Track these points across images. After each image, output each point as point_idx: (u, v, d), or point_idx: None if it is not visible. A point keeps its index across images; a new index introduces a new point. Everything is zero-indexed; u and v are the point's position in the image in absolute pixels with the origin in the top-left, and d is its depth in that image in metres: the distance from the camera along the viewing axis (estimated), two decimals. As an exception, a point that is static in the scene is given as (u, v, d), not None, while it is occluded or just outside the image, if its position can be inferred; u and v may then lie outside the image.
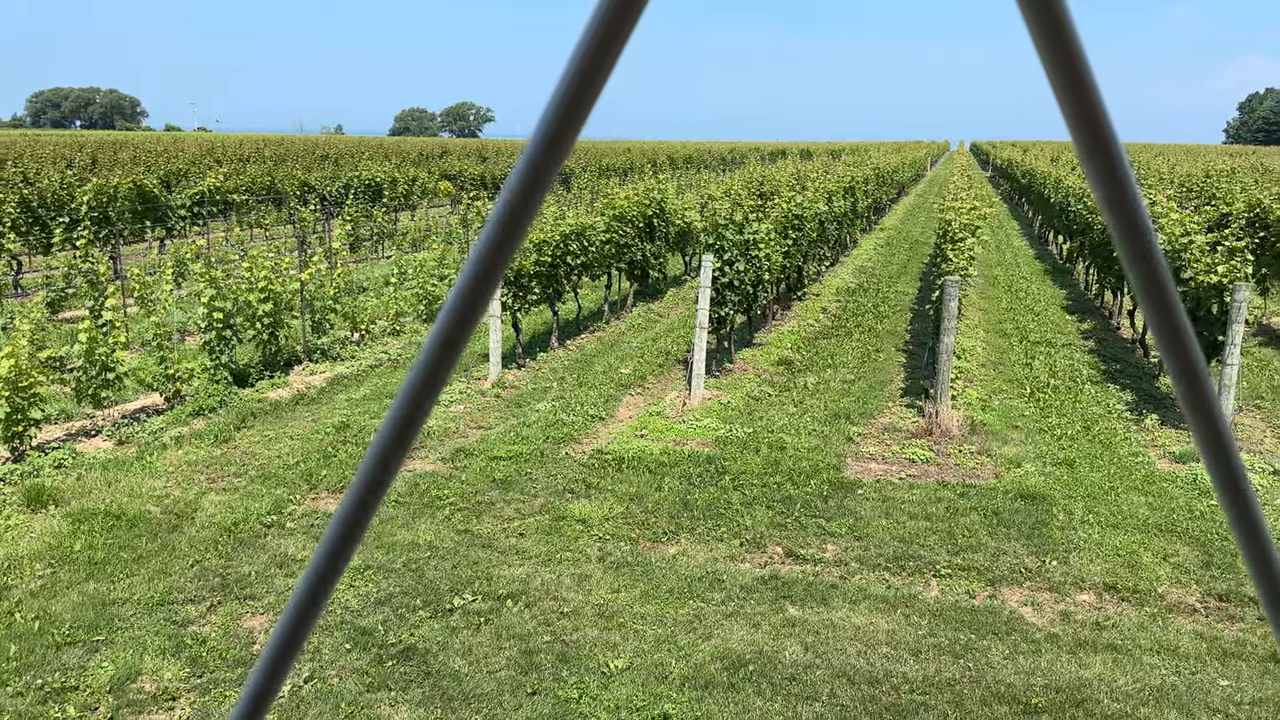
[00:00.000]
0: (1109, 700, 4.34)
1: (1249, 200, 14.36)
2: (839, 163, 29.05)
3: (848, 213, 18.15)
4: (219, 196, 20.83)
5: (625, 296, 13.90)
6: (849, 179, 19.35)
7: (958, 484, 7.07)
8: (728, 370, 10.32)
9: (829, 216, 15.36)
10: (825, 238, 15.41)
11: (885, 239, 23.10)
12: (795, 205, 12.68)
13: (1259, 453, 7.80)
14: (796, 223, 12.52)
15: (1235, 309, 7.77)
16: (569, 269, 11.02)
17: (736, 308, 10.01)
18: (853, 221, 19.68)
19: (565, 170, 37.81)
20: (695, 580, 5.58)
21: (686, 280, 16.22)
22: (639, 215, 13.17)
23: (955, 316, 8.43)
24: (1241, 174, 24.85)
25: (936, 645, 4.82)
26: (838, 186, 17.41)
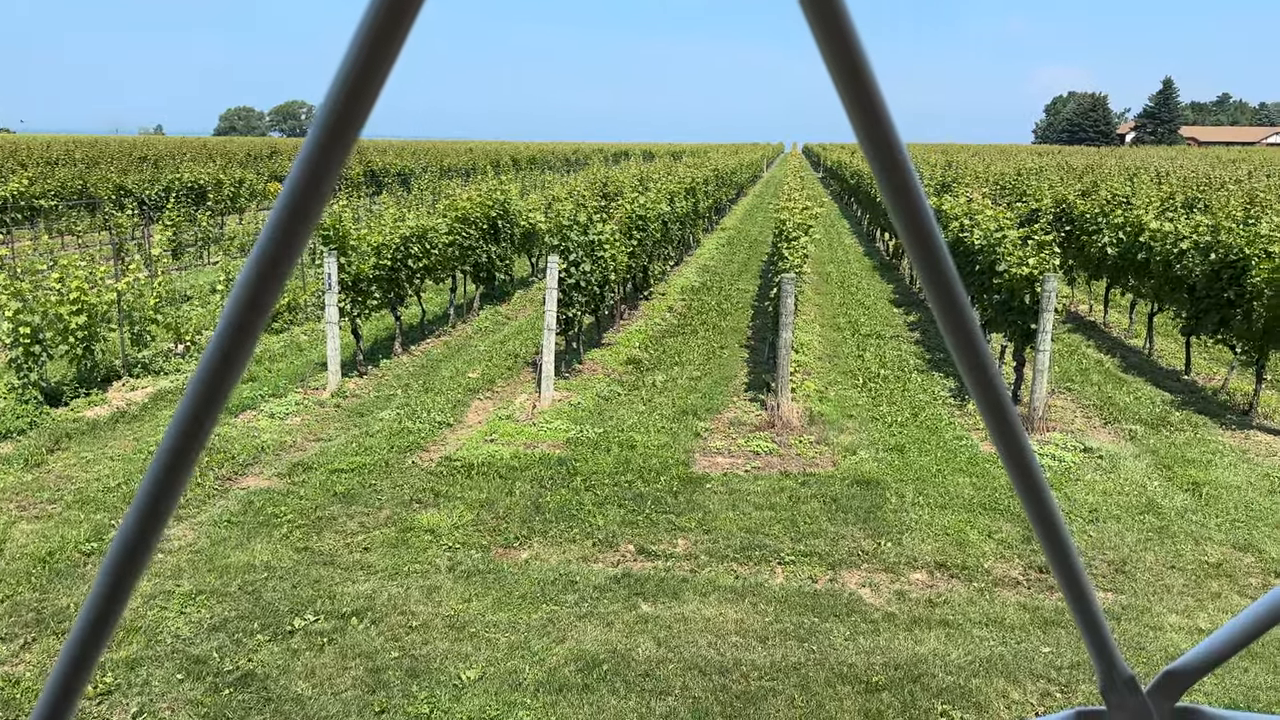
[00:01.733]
0: (943, 674, 4.59)
1: (1055, 196, 15.48)
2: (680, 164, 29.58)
3: (690, 213, 18.50)
4: (24, 202, 19.26)
5: (471, 299, 13.70)
6: (690, 180, 19.72)
7: (799, 473, 7.31)
8: (577, 371, 10.33)
9: (672, 217, 15.61)
10: (669, 238, 15.65)
11: (727, 238, 23.68)
12: (639, 206, 12.82)
13: (1070, 431, 8.41)
14: (641, 223, 12.66)
15: (1045, 298, 8.36)
16: (411, 272, 10.77)
17: (584, 308, 10.03)
18: (695, 221, 20.06)
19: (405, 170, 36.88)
20: (548, 584, 5.55)
21: (534, 282, 16.15)
22: (482, 216, 13.01)
23: (792, 312, 8.73)
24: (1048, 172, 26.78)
25: (783, 631, 4.97)
26: (679, 187, 17.72)
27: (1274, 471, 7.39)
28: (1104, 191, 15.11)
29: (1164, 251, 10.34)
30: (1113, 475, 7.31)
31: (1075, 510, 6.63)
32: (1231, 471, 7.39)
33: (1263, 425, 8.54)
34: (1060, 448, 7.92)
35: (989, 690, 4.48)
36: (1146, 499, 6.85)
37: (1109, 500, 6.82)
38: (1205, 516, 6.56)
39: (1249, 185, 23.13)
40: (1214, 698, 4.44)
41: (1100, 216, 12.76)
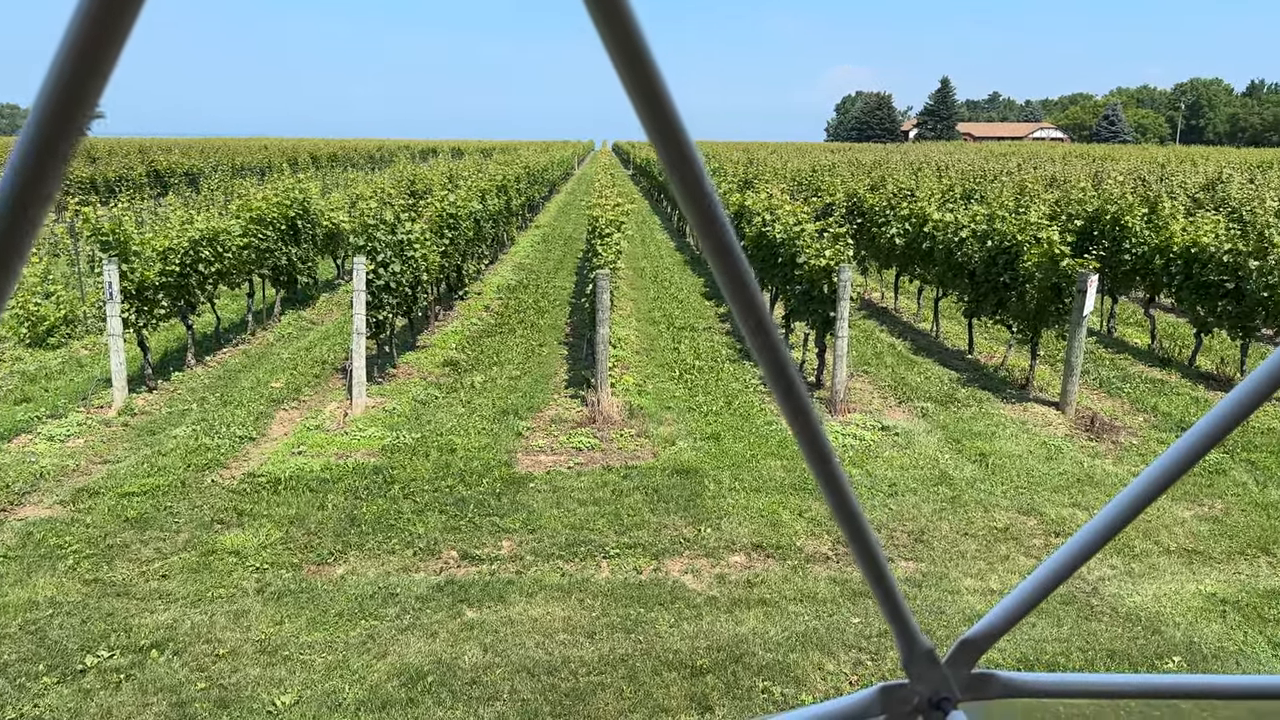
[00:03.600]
0: (763, 651, 4.75)
1: (847, 191, 16.35)
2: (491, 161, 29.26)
3: (503, 210, 18.32)
4: None
5: (272, 305, 13.03)
6: (501, 177, 19.53)
7: (621, 467, 7.39)
8: (391, 376, 10.02)
9: (484, 215, 15.41)
10: (483, 236, 15.44)
11: (541, 236, 23.62)
12: (449, 204, 12.57)
13: (869, 412, 8.91)
14: (452, 221, 12.42)
15: (842, 287, 8.81)
16: (203, 278, 10.11)
17: (395, 310, 9.74)
18: (508, 219, 19.90)
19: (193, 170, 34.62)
20: (367, 598, 5.36)
21: (340, 284, 15.54)
22: (280, 217, 12.38)
23: (608, 308, 8.80)
24: (841, 168, 28.25)
25: (610, 624, 5.01)
26: (491, 185, 17.51)
27: (1050, 440, 8.09)
28: (891, 185, 16.08)
29: (946, 240, 11.11)
30: (908, 451, 7.80)
31: (876, 486, 7.03)
32: (1013, 441, 8.04)
33: (1038, 397, 9.34)
34: (861, 427, 8.38)
35: (805, 664, 4.68)
36: (940, 471, 7.35)
37: (906, 474, 7.27)
38: (992, 485, 7.11)
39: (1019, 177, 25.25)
40: (1005, 653, 4.81)
41: (888, 209, 13.58)
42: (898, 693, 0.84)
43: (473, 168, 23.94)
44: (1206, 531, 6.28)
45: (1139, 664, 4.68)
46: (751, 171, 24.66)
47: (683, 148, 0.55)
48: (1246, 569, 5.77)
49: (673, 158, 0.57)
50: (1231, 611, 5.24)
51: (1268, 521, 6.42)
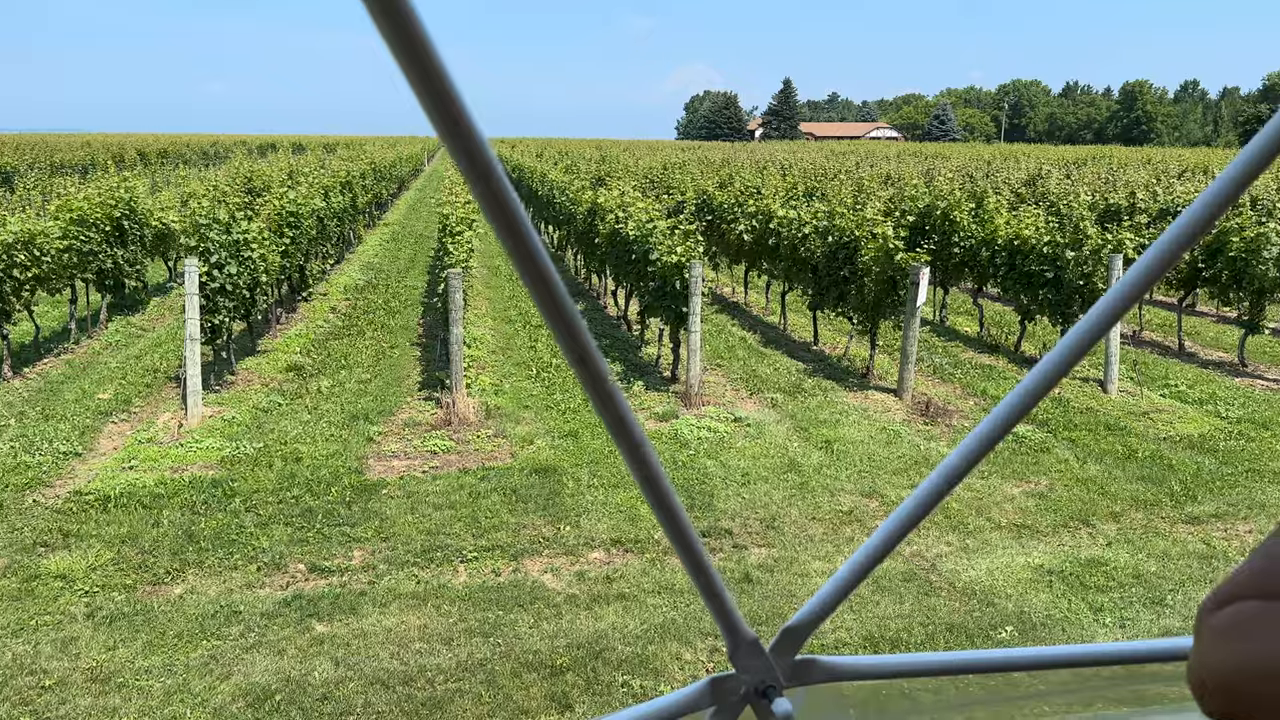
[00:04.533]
0: (623, 645, 4.79)
1: (697, 188, 16.65)
2: (335, 157, 28.32)
3: (348, 208, 17.76)
4: None
5: (98, 311, 12.20)
6: (346, 174, 18.93)
7: (478, 469, 7.29)
8: (230, 383, 9.56)
9: (328, 213, 14.89)
10: (327, 235, 14.92)
11: (391, 234, 23.03)
12: (289, 201, 12.09)
13: (722, 404, 9.11)
14: (293, 220, 11.94)
15: (694, 283, 8.97)
16: (18, 284, 9.37)
17: (233, 314, 9.28)
18: (354, 217, 19.31)
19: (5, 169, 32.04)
20: (208, 618, 5.09)
21: (173, 288, 14.70)
22: (105, 218, 11.61)
23: (462, 307, 8.66)
24: (691, 165, 28.76)
25: (468, 629, 4.93)
26: (334, 181, 16.94)
27: (889, 425, 8.47)
28: (738, 183, 16.48)
29: (790, 236, 11.47)
30: (760, 440, 8.02)
31: (730, 476, 7.20)
32: (856, 428, 8.38)
33: (878, 385, 9.77)
34: (715, 419, 8.55)
35: (664, 655, 4.74)
36: (789, 459, 7.59)
37: (758, 463, 7.47)
38: (837, 470, 7.39)
39: (857, 175, 26.35)
40: (853, 631, 5.01)
41: (736, 206, 13.91)
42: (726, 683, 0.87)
43: (315, 164, 23.10)
44: (1033, 507, 6.72)
45: (975, 635, 4.97)
46: (605, 168, 24.80)
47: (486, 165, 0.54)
48: (1070, 540, 6.21)
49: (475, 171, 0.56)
50: (1057, 581, 5.62)
51: (1087, 495, 6.92)
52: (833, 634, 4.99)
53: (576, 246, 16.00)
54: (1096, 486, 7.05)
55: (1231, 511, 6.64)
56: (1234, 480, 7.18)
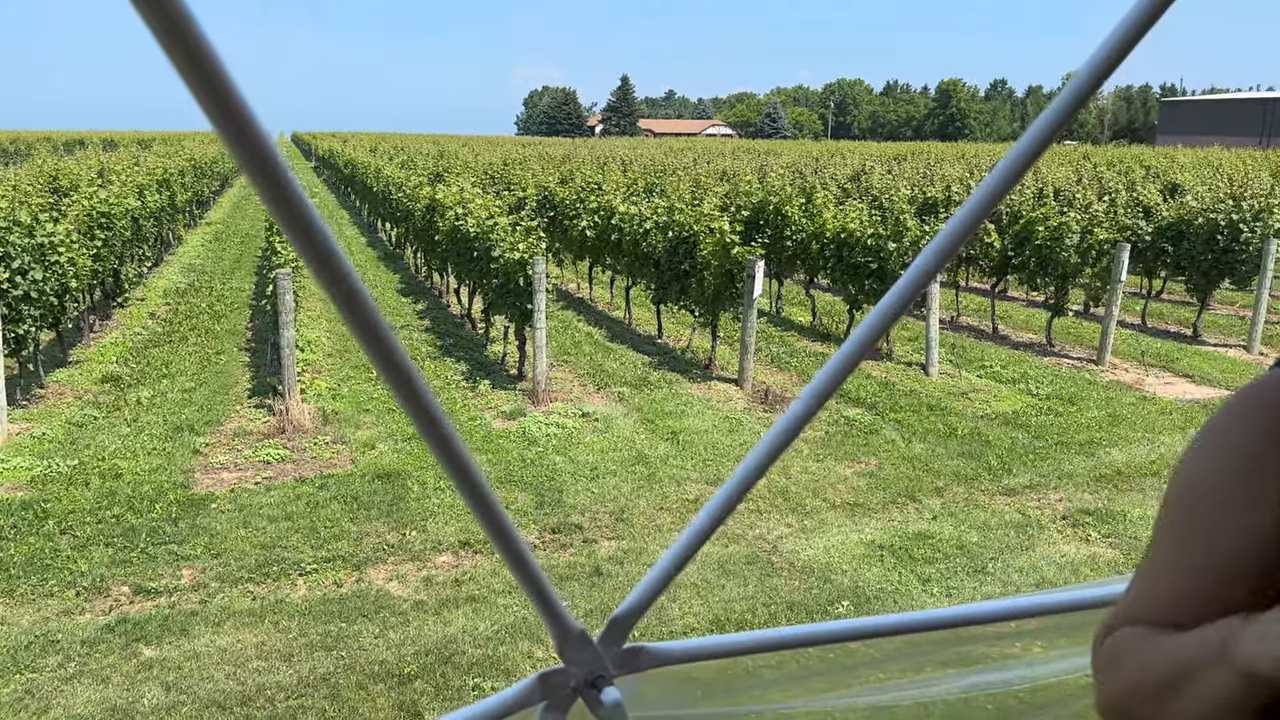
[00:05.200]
0: (472, 648, 4.74)
1: (538, 184, 16.60)
2: (150, 153, 26.65)
3: (165, 207, 16.75)
4: None
5: (-123, 323, 11.04)
6: (163, 171, 17.85)
7: (316, 477, 7.04)
8: (39, 397, 8.86)
9: (144, 213, 14.00)
10: (143, 236, 14.03)
11: (214, 233, 21.88)
12: (100, 201, 11.30)
13: (570, 400, 9.12)
14: (105, 221, 11.17)
15: (537, 279, 8.94)
16: None
17: (39, 323, 8.60)
18: (173, 217, 18.24)
19: None
20: (21, 650, 4.71)
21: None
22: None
23: (293, 309, 8.33)
24: (532, 161, 28.63)
25: (309, 644, 4.76)
26: (150, 179, 15.95)
27: (731, 414, 8.71)
28: (579, 179, 16.53)
29: (632, 232, 11.61)
30: (608, 435, 8.09)
31: (579, 471, 7.23)
32: (700, 418, 8.57)
33: (720, 375, 10.02)
34: (563, 415, 8.56)
35: (516, 654, 4.72)
36: (636, 452, 7.69)
37: (606, 457, 7.54)
38: (683, 460, 7.54)
39: (695, 171, 26.88)
40: (700, 616, 5.13)
41: (578, 202, 13.96)
42: (555, 678, 0.88)
43: (129, 161, 21.68)
44: (864, 485, 7.06)
45: (814, 611, 5.18)
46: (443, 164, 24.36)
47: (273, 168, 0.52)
48: (898, 516, 6.56)
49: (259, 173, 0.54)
50: (888, 555, 5.93)
51: (913, 472, 7.33)
52: (681, 620, 5.10)
53: (416, 244, 15.65)
54: (921, 464, 7.47)
55: (1043, 482, 7.17)
56: (1044, 453, 7.76)
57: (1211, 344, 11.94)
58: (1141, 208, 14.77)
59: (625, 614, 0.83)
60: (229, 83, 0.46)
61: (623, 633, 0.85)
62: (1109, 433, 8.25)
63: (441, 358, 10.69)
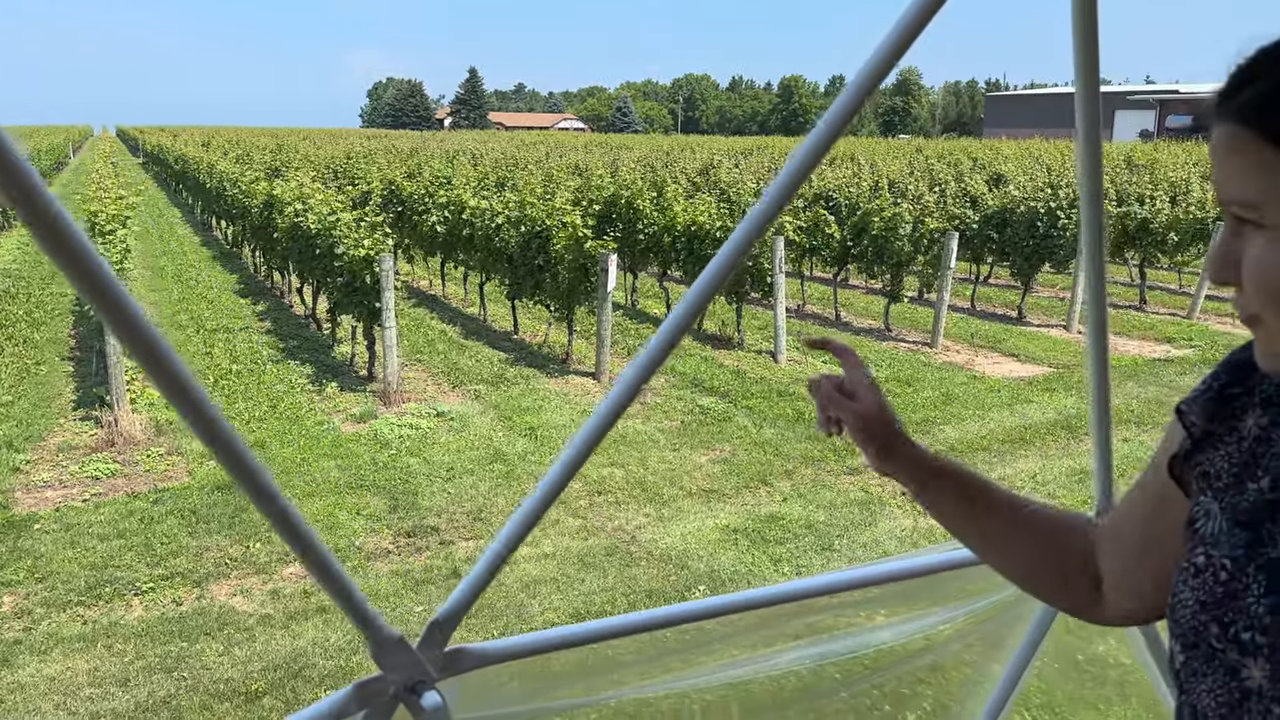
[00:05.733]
0: (324, 660, 4.59)
1: (384, 178, 16.17)
2: (-48, 148, 24.50)
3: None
4: None
5: None
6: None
7: (150, 491, 6.65)
8: None
9: (-55, 213, 12.86)
10: (-56, 239, 12.89)
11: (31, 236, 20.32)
12: (-109, 202, 10.31)
13: (424, 400, 8.94)
14: (-103, 223, 10.20)
15: (385, 277, 8.71)
16: None
17: None
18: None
19: None
20: None
21: None
22: None
23: (119, 315, 7.83)
24: (378, 155, 27.86)
25: (147, 667, 4.50)
26: (-49, 177, 14.66)
27: (588, 408, 8.73)
28: (427, 173, 16.20)
29: (484, 227, 11.47)
30: (464, 434, 7.98)
31: (435, 472, 7.10)
32: (558, 413, 8.56)
33: (577, 369, 10.03)
34: (417, 416, 8.39)
35: (370, 664, 4.57)
36: (494, 449, 7.61)
37: (463, 456, 7.43)
38: (541, 456, 7.51)
39: (547, 165, 26.79)
40: (561, 610, 5.14)
41: (427, 197, 13.68)
42: (373, 686, 0.87)
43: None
44: (719, 472, 7.22)
45: (672, 598, 5.27)
46: (281, 159, 23.41)
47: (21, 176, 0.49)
48: (751, 499, 6.74)
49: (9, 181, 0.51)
50: (741, 538, 6.09)
51: (764, 457, 7.54)
52: (541, 615, 5.09)
53: (254, 242, 14.98)
54: (772, 448, 7.71)
55: (883, 460, 7.52)
56: (884, 433, 8.14)
57: (1035, 324, 12.78)
58: (969, 197, 15.66)
59: (446, 616, 0.83)
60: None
61: (444, 635, 0.84)
62: (943, 411, 8.72)
63: (285, 361, 10.29)
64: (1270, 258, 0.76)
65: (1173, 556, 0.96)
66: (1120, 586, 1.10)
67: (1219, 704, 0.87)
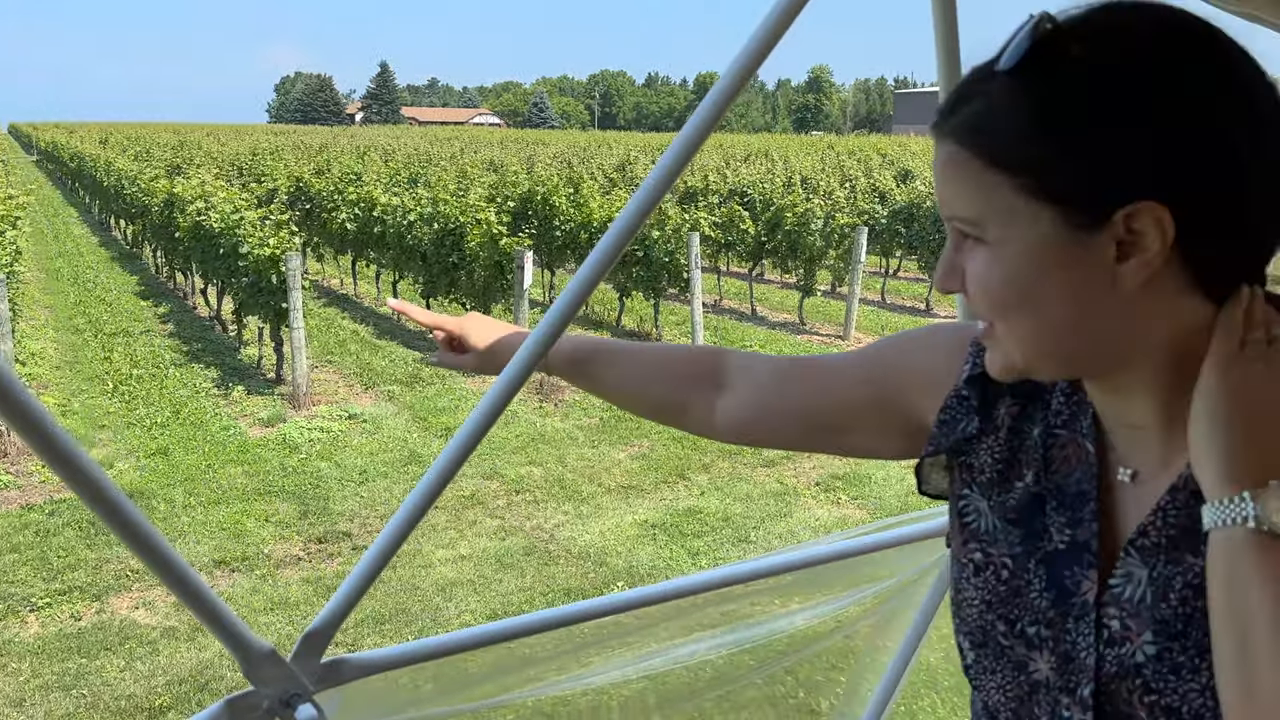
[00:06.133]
0: (232, 673, 4.45)
1: (291, 175, 15.77)
2: None
3: None
4: None
5: None
6: None
7: (45, 503, 6.37)
8: None
9: None
10: None
11: (-90, 237, 19.25)
12: None
13: (335, 402, 8.75)
14: None
15: (291, 276, 8.49)
16: None
17: None
18: None
19: None
20: None
21: None
22: None
23: (8, 319, 7.48)
24: (285, 151, 27.16)
25: (43, 685, 4.31)
26: None
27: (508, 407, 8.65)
28: (337, 170, 15.87)
29: (396, 224, 11.28)
30: (377, 436, 7.84)
31: (347, 476, 6.96)
32: (473, 412, 8.46)
33: (492, 368, 9.94)
34: (327, 419, 8.21)
35: (283, 672, 4.49)
36: (409, 451, 7.50)
37: (376, 459, 7.30)
38: (456, 456, 7.42)
39: (461, 161, 26.50)
40: (477, 612, 5.08)
41: (336, 194, 13.39)
42: (245, 701, 0.84)
43: None
44: (638, 468, 7.24)
45: (591, 595, 5.26)
46: (183, 155, 22.64)
47: None
48: (669, 494, 6.77)
49: None
50: (660, 533, 6.12)
51: (683, 452, 7.59)
52: (458, 618, 5.03)
53: (155, 242, 14.46)
54: (690, 443, 7.75)
55: (798, 454, 7.63)
56: (799, 424, 8.26)
57: (942, 315, 13.14)
58: (878, 193, 16.02)
59: (321, 628, 0.81)
60: None
61: (319, 647, 0.82)
62: (856, 402, 8.90)
63: (189, 364, 9.95)
64: (993, 272, 0.76)
65: (802, 415, 1.06)
66: (754, 407, 1.12)
67: (1009, 699, 0.88)
